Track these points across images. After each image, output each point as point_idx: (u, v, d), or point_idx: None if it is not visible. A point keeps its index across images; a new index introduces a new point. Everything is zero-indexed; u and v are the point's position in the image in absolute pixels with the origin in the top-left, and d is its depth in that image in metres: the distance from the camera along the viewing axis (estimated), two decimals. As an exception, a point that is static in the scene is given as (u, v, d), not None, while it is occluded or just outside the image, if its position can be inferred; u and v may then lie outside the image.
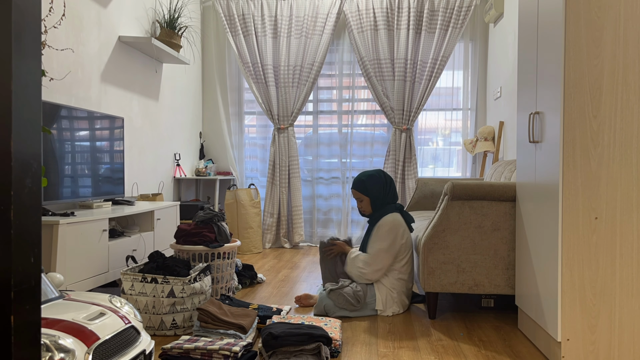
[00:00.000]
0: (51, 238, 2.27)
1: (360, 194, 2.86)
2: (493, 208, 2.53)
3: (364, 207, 2.88)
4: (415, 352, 2.17)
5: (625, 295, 1.88)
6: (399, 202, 3.73)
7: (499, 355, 2.13)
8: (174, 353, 1.93)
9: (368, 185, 2.83)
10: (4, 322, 0.57)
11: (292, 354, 1.97)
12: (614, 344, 1.89)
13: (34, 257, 0.61)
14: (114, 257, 2.72)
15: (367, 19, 4.83)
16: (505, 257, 2.53)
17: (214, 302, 2.36)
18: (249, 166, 5.31)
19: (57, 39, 2.90)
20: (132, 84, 3.81)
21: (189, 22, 4.85)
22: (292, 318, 2.37)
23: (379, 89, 4.83)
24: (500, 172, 3.37)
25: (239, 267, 3.38)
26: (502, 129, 4.28)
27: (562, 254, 1.90)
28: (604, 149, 1.87)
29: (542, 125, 2.07)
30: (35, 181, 0.62)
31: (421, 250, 2.60)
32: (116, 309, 1.75)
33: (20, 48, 0.59)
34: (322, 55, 4.89)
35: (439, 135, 5.08)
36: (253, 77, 4.98)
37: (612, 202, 1.87)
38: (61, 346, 1.42)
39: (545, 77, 2.05)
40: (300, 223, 4.99)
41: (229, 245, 2.89)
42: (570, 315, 1.90)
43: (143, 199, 3.73)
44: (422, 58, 4.78)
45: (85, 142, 2.88)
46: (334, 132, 5.15)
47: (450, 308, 2.86)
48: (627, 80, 1.85)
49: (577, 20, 1.87)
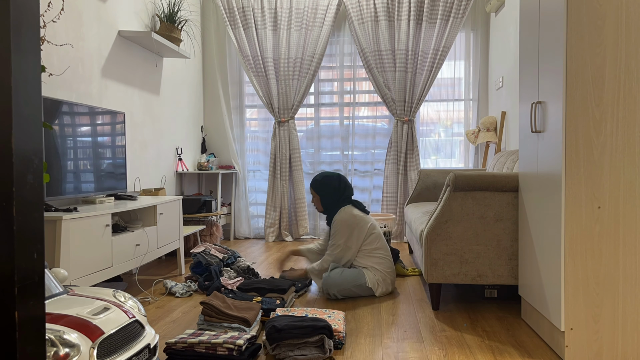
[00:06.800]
0: (54, 234, 2.28)
1: (313, 191, 3.18)
2: (496, 199, 2.53)
3: (315, 203, 3.19)
4: (419, 343, 2.18)
5: (629, 284, 1.87)
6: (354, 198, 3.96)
7: (503, 346, 2.13)
8: (179, 347, 1.93)
9: (321, 185, 3.13)
10: (8, 318, 0.57)
11: (296, 347, 1.98)
12: (618, 333, 1.89)
13: (37, 253, 0.61)
14: (118, 252, 2.73)
15: (368, 10, 4.80)
16: (508, 247, 2.53)
17: (217, 296, 2.37)
18: (251, 159, 5.31)
19: (57, 35, 2.89)
20: (133, 79, 3.80)
21: (189, 15, 4.83)
22: (296, 310, 2.37)
23: (380, 81, 4.81)
24: (502, 163, 3.36)
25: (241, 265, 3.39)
26: (504, 119, 4.26)
27: (565, 244, 1.89)
28: (607, 137, 1.86)
29: (545, 115, 2.06)
30: (37, 177, 0.61)
31: (424, 242, 2.60)
32: (120, 304, 1.75)
33: (20, 43, 0.59)
34: (322, 47, 4.87)
35: (441, 127, 5.06)
36: (253, 70, 4.96)
37: (615, 191, 1.87)
38: (66, 341, 1.43)
39: (547, 66, 2.03)
40: (304, 216, 4.99)
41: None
42: (574, 305, 1.91)
43: (145, 193, 3.73)
44: (423, 49, 4.75)
45: (87, 137, 2.88)
46: (336, 124, 5.14)
47: (453, 299, 2.86)
48: (629, 68, 1.84)
49: (578, 8, 1.85)
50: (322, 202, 3.13)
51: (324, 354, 1.98)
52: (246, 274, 3.28)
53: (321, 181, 3.11)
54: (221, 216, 4.90)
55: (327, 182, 3.11)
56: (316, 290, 3.09)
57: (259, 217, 5.30)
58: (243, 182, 5.24)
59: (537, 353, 2.05)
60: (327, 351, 1.98)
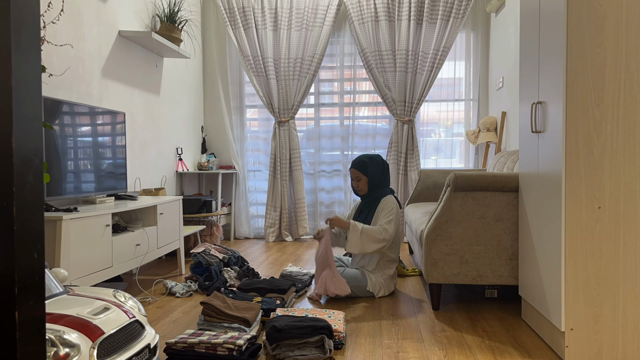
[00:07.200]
0: (55, 234, 2.28)
1: (360, 173, 3.04)
2: (496, 199, 2.53)
3: (361, 185, 3.06)
4: (419, 343, 2.18)
5: (629, 284, 1.87)
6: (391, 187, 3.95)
7: (503, 346, 2.13)
8: (179, 347, 1.93)
9: (369, 165, 3.02)
10: (8, 318, 0.57)
11: (296, 347, 1.98)
12: (618, 333, 1.89)
13: (37, 253, 0.61)
14: (118, 252, 2.73)
15: (368, 10, 4.80)
16: (508, 247, 2.53)
17: (218, 296, 2.37)
18: (251, 159, 5.31)
19: (57, 35, 2.90)
20: (133, 79, 3.81)
21: (189, 15, 4.83)
22: (296, 311, 2.37)
23: (380, 81, 4.81)
24: (502, 163, 3.36)
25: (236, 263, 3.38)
26: (505, 119, 4.26)
27: (565, 244, 1.89)
28: (607, 137, 1.86)
29: (545, 115, 2.06)
30: (37, 177, 0.61)
31: (424, 242, 2.60)
32: (120, 304, 1.75)
33: (20, 43, 0.59)
34: (322, 47, 4.87)
35: (441, 127, 5.06)
36: (254, 70, 4.96)
37: (615, 192, 1.87)
38: (66, 341, 1.43)
39: (547, 66, 2.03)
40: (304, 216, 4.99)
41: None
42: (574, 305, 1.91)
43: (146, 193, 3.73)
44: (423, 49, 4.75)
45: (87, 137, 2.88)
46: (336, 124, 5.14)
47: (453, 299, 2.86)
48: (629, 69, 1.84)
49: (579, 8, 1.85)
50: (370, 183, 3.01)
51: (324, 354, 1.98)
52: (246, 274, 3.28)
53: (369, 162, 3.01)
54: (221, 216, 4.90)
55: (374, 162, 3.02)
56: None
57: (259, 217, 5.30)
58: (243, 182, 5.24)
59: (537, 353, 2.05)
60: (327, 351, 1.98)
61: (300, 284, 3.01)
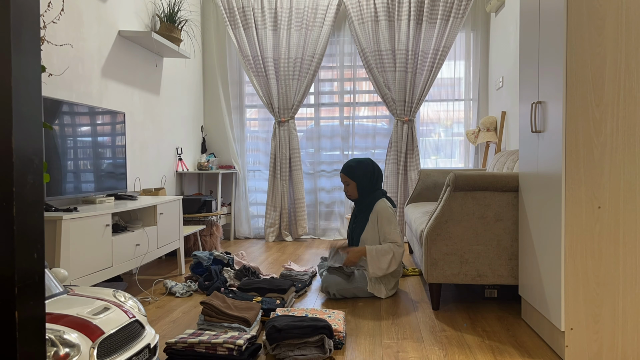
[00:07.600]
0: (55, 233, 2.28)
1: (348, 178, 3.05)
2: (496, 198, 2.53)
3: (350, 190, 3.08)
4: (419, 343, 2.18)
5: (629, 284, 1.87)
6: (384, 188, 4.09)
7: (503, 345, 2.13)
8: (179, 347, 1.93)
9: (356, 170, 3.03)
10: (8, 318, 0.57)
11: (296, 346, 1.98)
12: (618, 333, 1.89)
13: (37, 253, 0.61)
14: (118, 252, 2.73)
15: (368, 10, 4.80)
16: (508, 247, 2.53)
17: (217, 296, 2.37)
18: (251, 159, 5.31)
19: (57, 35, 2.89)
20: (133, 79, 3.80)
21: (189, 15, 4.83)
22: (296, 310, 2.37)
23: (380, 81, 4.81)
24: (502, 163, 3.36)
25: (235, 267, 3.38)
26: (504, 119, 4.26)
27: (565, 244, 1.89)
28: (607, 137, 1.86)
29: (545, 115, 2.06)
30: (37, 177, 0.61)
31: (424, 242, 2.60)
32: (120, 304, 1.75)
33: (20, 43, 0.59)
34: (322, 47, 4.87)
35: (441, 126, 5.06)
36: (253, 70, 4.96)
37: (615, 191, 1.87)
38: (66, 341, 1.43)
39: (547, 66, 2.03)
40: (303, 216, 4.99)
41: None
42: (574, 305, 1.91)
43: (146, 193, 3.73)
44: (423, 49, 4.75)
45: (87, 137, 2.88)
46: (336, 124, 5.14)
47: (453, 299, 2.86)
48: (629, 68, 1.84)
49: (579, 8, 1.85)
50: (359, 188, 3.03)
51: (324, 354, 1.98)
52: (246, 274, 3.28)
53: (356, 167, 3.01)
54: (221, 216, 4.90)
55: (363, 167, 3.01)
56: (316, 290, 3.09)
57: (259, 217, 5.30)
58: (243, 182, 5.24)
59: (537, 353, 2.05)
60: (327, 351, 1.98)
61: (300, 283, 3.01)
